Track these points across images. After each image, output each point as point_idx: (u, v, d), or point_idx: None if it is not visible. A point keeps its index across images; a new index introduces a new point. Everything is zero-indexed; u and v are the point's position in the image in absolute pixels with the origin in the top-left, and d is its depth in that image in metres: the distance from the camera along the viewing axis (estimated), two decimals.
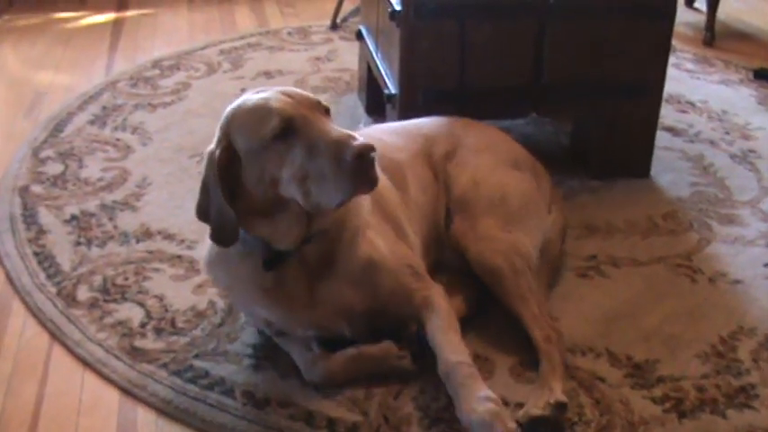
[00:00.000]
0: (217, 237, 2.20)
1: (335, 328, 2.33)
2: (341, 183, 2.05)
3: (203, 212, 2.22)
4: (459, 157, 2.74)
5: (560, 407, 2.15)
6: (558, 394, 2.18)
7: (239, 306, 2.53)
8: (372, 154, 2.05)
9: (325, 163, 2.05)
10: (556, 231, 2.73)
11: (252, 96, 2.19)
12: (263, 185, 2.15)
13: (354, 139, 2.05)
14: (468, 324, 2.47)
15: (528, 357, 2.35)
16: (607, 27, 3.12)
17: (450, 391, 2.15)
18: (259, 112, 2.13)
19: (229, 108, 2.22)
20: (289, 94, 2.16)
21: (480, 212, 2.60)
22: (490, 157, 2.75)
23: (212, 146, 2.21)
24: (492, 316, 2.51)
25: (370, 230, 2.35)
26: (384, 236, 2.41)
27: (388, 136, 2.77)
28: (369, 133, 2.76)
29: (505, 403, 2.21)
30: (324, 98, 3.96)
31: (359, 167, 2.03)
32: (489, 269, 2.50)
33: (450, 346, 2.22)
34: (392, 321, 2.38)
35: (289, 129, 2.08)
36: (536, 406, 2.15)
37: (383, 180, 2.46)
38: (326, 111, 2.19)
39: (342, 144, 2.04)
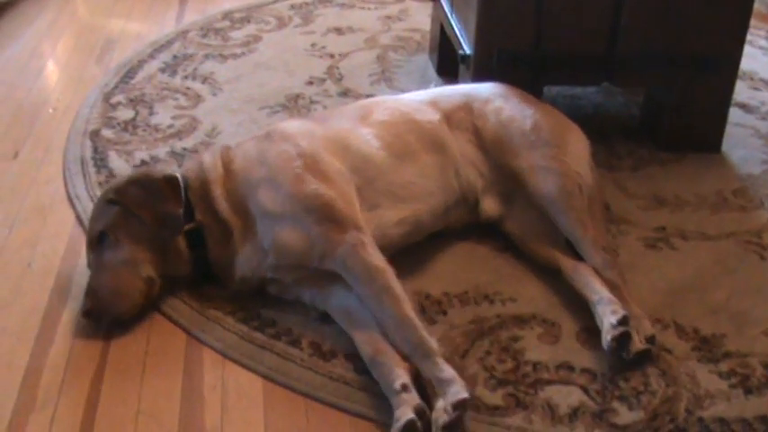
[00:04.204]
0: None
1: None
2: None
3: None
4: (476, 110, 2.79)
5: (652, 339, 2.27)
6: (648, 326, 2.31)
7: None
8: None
9: None
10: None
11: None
12: None
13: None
14: (533, 285, 2.50)
15: (594, 323, 2.33)
16: None
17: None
18: None
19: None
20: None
21: (517, 147, 2.67)
22: (504, 101, 2.80)
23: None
24: (561, 280, 2.51)
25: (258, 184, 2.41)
26: (284, 179, 2.38)
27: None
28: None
29: (571, 368, 2.22)
30: (394, 57, 4.02)
31: None
32: (543, 198, 2.58)
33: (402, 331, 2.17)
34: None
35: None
36: (634, 341, 2.23)
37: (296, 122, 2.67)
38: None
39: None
